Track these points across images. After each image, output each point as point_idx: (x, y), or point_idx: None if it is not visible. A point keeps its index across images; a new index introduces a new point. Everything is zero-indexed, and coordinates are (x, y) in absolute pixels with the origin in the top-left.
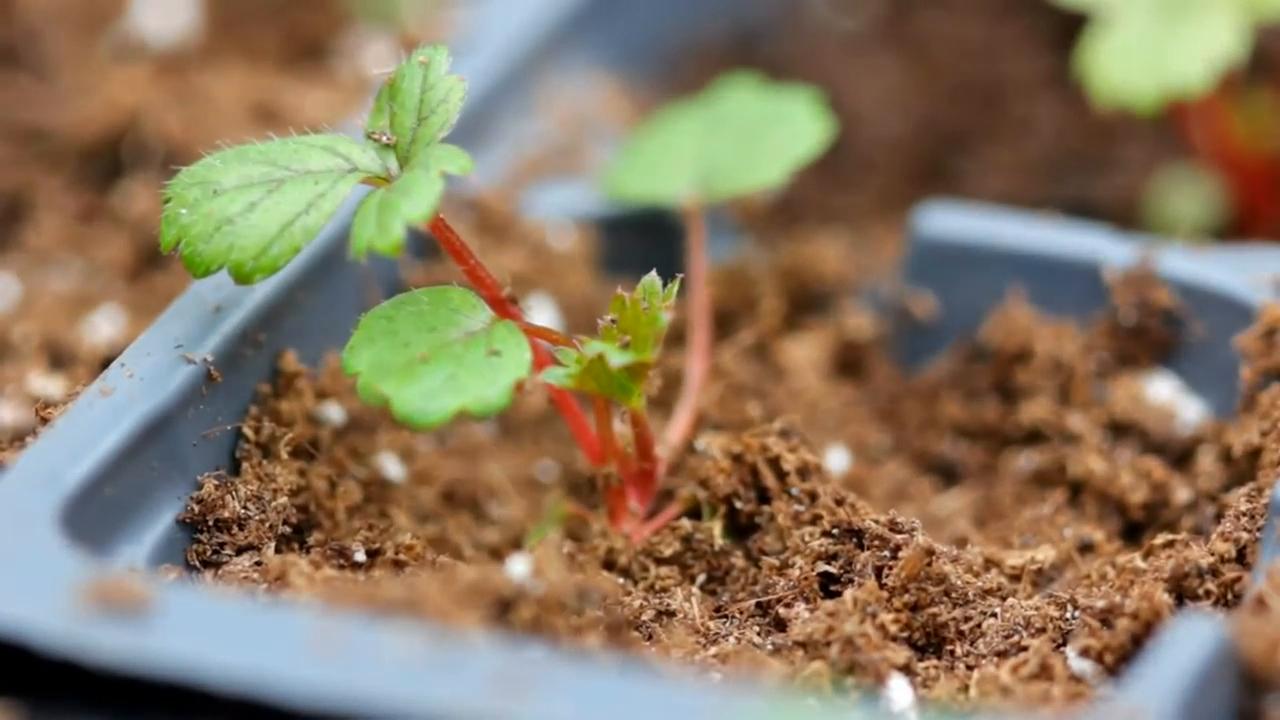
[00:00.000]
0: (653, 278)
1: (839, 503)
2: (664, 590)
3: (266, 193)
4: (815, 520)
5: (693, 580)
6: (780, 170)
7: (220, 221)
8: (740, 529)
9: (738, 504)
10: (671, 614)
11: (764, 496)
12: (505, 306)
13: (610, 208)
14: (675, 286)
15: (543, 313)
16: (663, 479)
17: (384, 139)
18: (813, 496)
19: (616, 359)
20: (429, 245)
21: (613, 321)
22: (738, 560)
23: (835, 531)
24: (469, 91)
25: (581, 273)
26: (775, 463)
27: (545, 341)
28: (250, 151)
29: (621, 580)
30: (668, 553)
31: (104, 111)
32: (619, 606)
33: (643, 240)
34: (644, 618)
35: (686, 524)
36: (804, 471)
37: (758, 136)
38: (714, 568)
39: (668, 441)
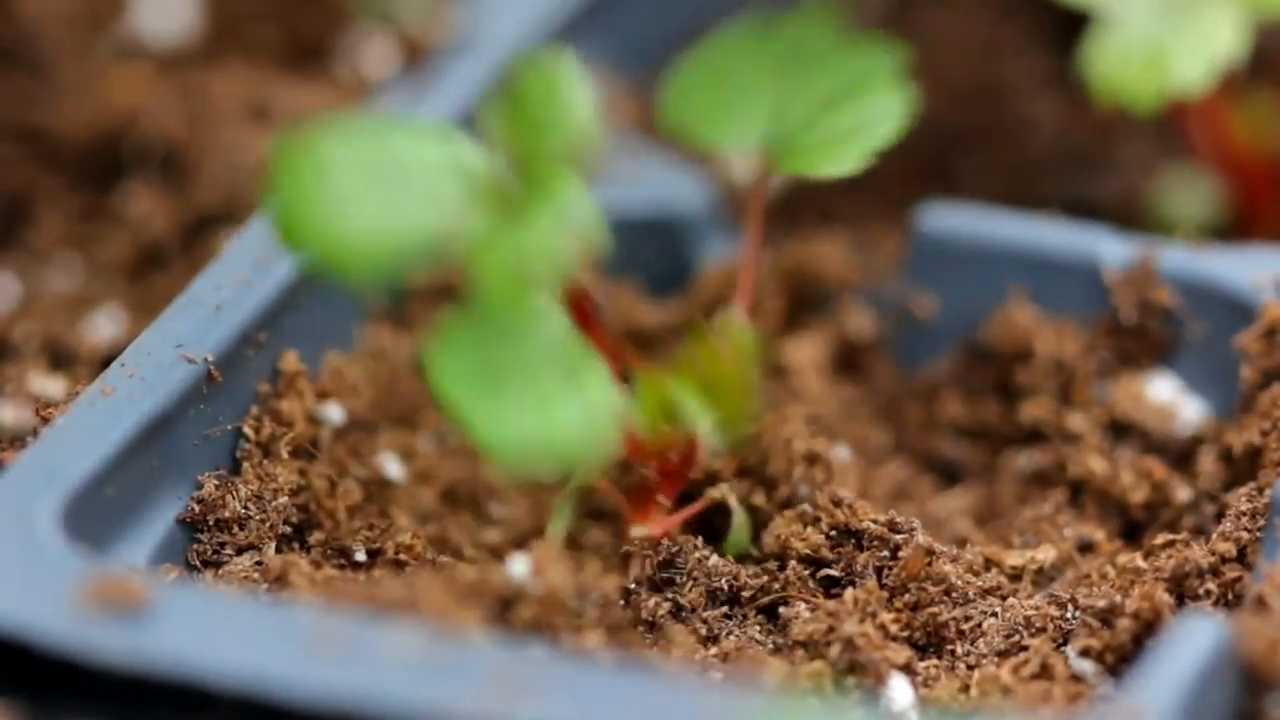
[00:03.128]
0: (734, 316)
1: (836, 504)
2: (668, 589)
3: (381, 189)
4: (815, 521)
5: (695, 581)
6: (858, 160)
7: (328, 206)
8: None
9: (756, 502)
10: (672, 613)
11: (772, 489)
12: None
13: (610, 209)
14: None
15: None
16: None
17: (508, 149)
18: (818, 492)
19: (705, 427)
20: None
21: (690, 357)
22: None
23: (834, 533)
24: (470, 91)
25: (582, 273)
26: (788, 453)
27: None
28: (367, 137)
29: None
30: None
31: (104, 111)
32: (619, 606)
33: (646, 240)
34: (644, 616)
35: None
36: (812, 459)
37: (836, 104)
38: (718, 572)
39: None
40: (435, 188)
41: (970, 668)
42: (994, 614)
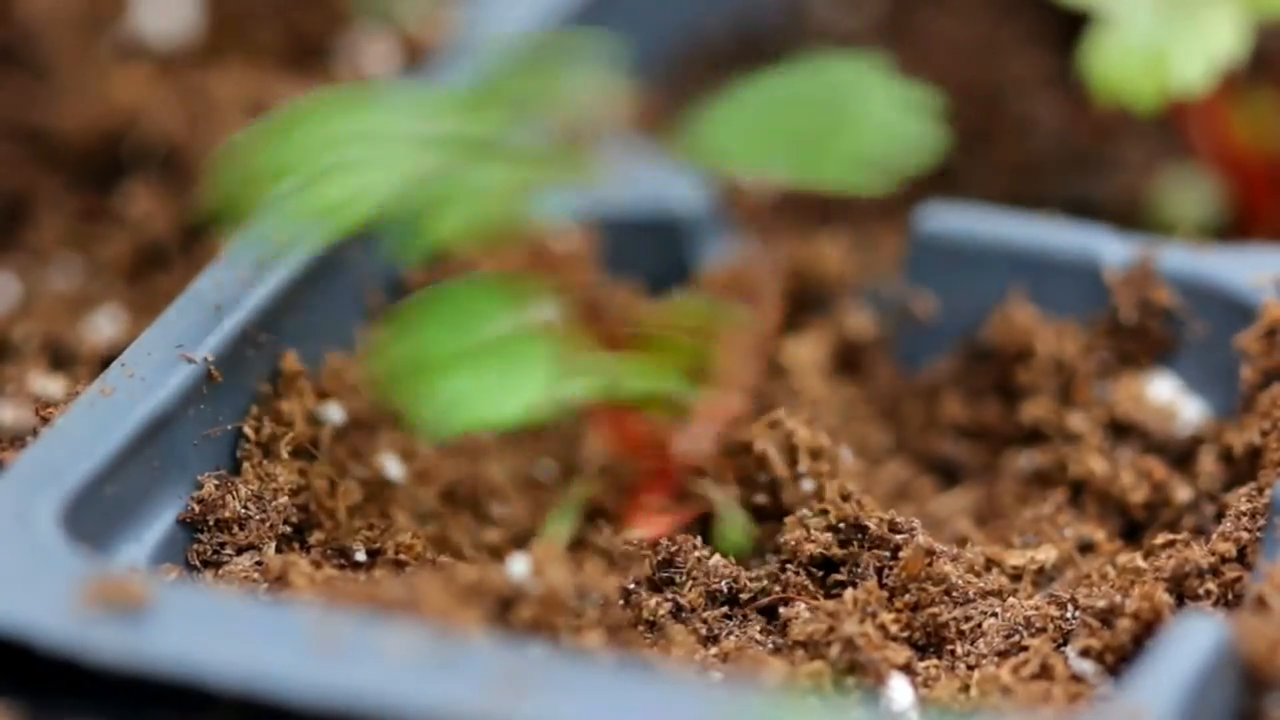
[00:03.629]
0: (701, 299)
1: (845, 498)
2: (668, 589)
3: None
4: (823, 514)
5: (695, 581)
6: (886, 182)
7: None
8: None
9: (756, 499)
10: (672, 613)
11: (774, 488)
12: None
13: (613, 208)
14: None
15: (544, 314)
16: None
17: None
18: (821, 488)
19: (642, 385)
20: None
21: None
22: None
23: (842, 526)
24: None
25: (584, 273)
26: (790, 449)
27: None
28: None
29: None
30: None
31: (104, 111)
32: (619, 606)
33: (646, 240)
34: (644, 616)
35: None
36: (816, 453)
37: (865, 133)
38: (718, 573)
39: (702, 440)
40: (402, 149)
41: (970, 668)
42: (994, 614)
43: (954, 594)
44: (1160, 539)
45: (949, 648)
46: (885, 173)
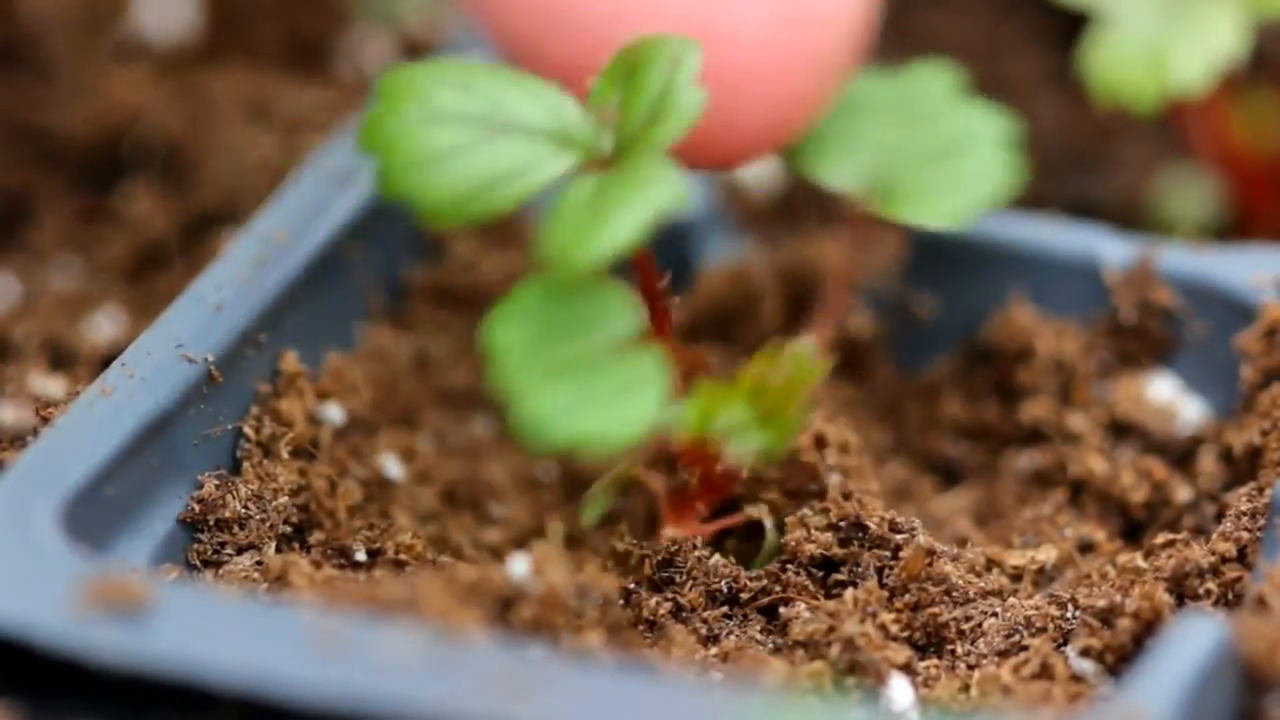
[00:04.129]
0: (807, 347)
1: (846, 498)
2: (668, 589)
3: (482, 139)
4: (825, 512)
5: (695, 581)
6: (958, 214)
7: (428, 156)
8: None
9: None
10: (672, 613)
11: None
12: (661, 315)
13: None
14: (828, 365)
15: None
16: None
17: (609, 119)
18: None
19: (742, 443)
20: (432, 244)
21: (754, 385)
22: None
23: (841, 526)
24: None
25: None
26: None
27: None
28: (477, 79)
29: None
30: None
31: (104, 111)
32: (619, 606)
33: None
34: (644, 616)
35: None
36: (845, 447)
37: (942, 158)
38: (718, 573)
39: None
40: (530, 138)
41: (970, 668)
42: (994, 614)
43: (954, 594)
44: (1160, 539)
45: (949, 648)
46: (975, 207)
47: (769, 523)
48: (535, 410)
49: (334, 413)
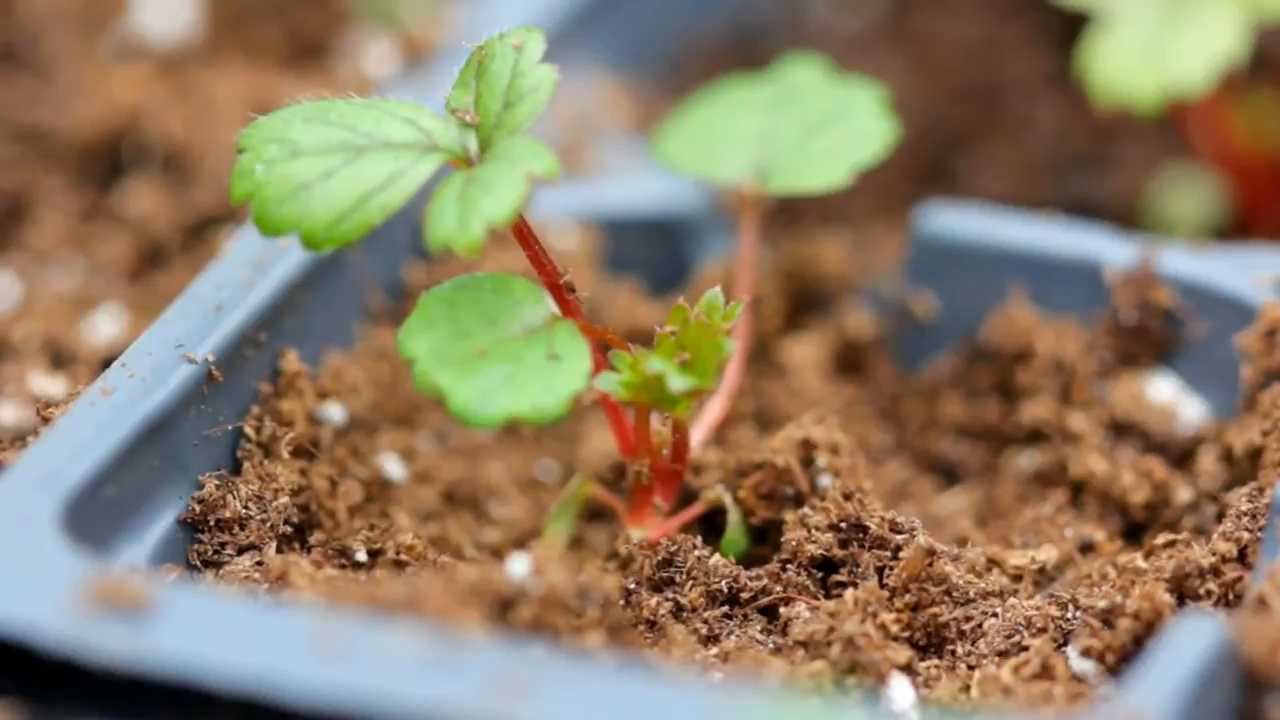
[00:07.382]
0: (716, 295)
1: (846, 497)
2: (668, 589)
3: (345, 162)
4: (825, 511)
5: (695, 581)
6: (844, 173)
7: (296, 186)
8: (759, 531)
9: (760, 510)
10: (672, 613)
11: (800, 501)
12: (564, 295)
13: (610, 209)
14: (739, 308)
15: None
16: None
17: (468, 118)
18: (839, 481)
19: (677, 383)
20: None
21: (672, 334)
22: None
23: (842, 526)
24: None
25: (584, 273)
26: (808, 457)
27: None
28: (332, 112)
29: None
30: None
31: (104, 111)
32: (619, 606)
33: (646, 240)
34: (644, 616)
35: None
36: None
37: (821, 129)
38: (718, 573)
39: (697, 440)
40: (393, 151)
41: (971, 668)
42: (995, 614)
43: (955, 594)
44: (1161, 539)
45: (949, 648)
46: (855, 168)
47: (729, 498)
48: (464, 399)
49: (334, 412)
